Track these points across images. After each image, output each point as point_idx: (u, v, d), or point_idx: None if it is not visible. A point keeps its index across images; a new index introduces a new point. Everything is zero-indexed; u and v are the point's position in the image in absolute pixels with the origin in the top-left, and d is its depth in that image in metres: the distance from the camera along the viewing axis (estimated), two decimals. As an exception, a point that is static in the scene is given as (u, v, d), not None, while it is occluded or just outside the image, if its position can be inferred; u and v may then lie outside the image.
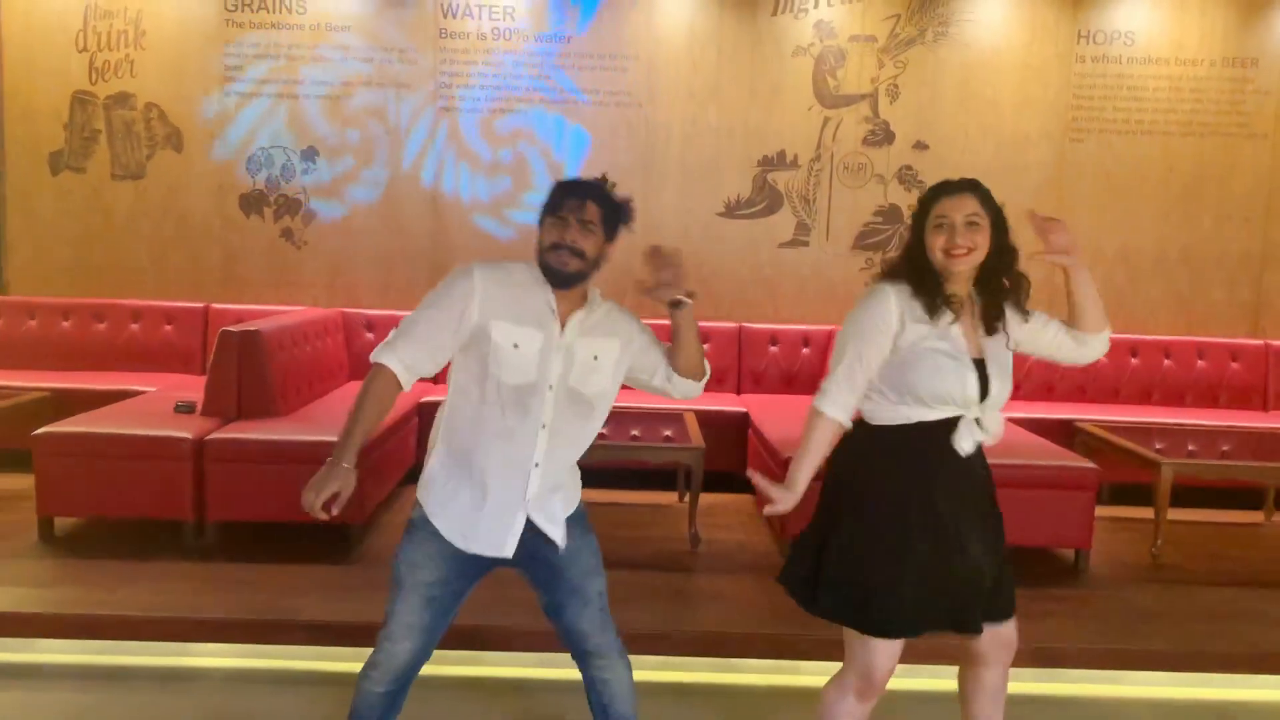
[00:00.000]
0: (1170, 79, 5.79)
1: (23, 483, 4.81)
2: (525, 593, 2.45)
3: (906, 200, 5.81)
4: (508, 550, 2.22)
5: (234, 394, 4.38)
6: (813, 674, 3.22)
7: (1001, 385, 2.25)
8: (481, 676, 3.27)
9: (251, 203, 5.78)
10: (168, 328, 5.67)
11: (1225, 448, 4.76)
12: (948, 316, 2.21)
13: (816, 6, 5.72)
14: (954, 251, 2.17)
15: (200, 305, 5.71)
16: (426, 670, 2.34)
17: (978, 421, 2.23)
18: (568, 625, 2.35)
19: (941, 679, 2.82)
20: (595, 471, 2.98)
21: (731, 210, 5.85)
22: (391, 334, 2.23)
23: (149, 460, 4.03)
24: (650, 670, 3.28)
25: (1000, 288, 2.26)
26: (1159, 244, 5.88)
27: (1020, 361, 2.40)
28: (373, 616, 3.16)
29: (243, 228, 5.79)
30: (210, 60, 5.69)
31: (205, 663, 3.32)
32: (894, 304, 2.20)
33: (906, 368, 2.19)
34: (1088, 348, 2.37)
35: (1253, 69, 5.76)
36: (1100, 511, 4.84)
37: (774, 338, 5.78)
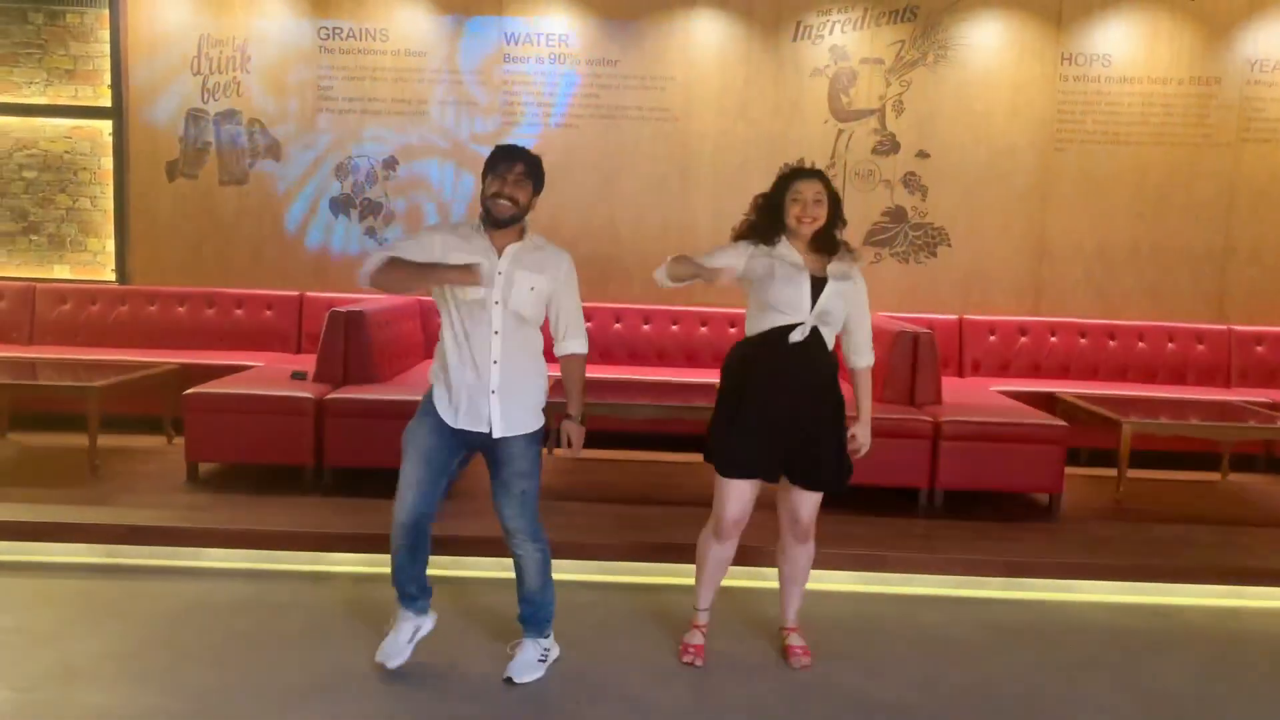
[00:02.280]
0: (1143, 95, 6.56)
1: (156, 441, 5.71)
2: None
3: (910, 202, 6.62)
4: (484, 426, 3.02)
5: (341, 363, 5.23)
6: (815, 581, 4.07)
7: (831, 304, 3.09)
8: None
9: (340, 205, 6.66)
10: (268, 313, 6.54)
11: (1193, 418, 5.49)
12: (784, 245, 3.11)
13: (831, 33, 6.54)
14: (804, 219, 3.07)
15: (295, 294, 6.58)
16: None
17: (815, 330, 3.08)
18: (497, 507, 3.15)
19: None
20: (640, 436, 3.84)
21: (756, 211, 6.66)
22: (388, 246, 3.03)
23: (279, 415, 4.88)
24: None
25: (833, 244, 3.15)
26: (1133, 240, 6.64)
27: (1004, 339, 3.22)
28: (465, 533, 4.07)
29: (332, 226, 6.67)
30: (305, 81, 6.58)
31: (338, 568, 4.15)
32: (745, 245, 3.17)
33: (760, 284, 3.10)
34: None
35: (1215, 86, 6.53)
36: (1078, 471, 5.63)
37: (794, 322, 6.57)
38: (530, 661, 3.22)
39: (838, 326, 3.17)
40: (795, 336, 3.07)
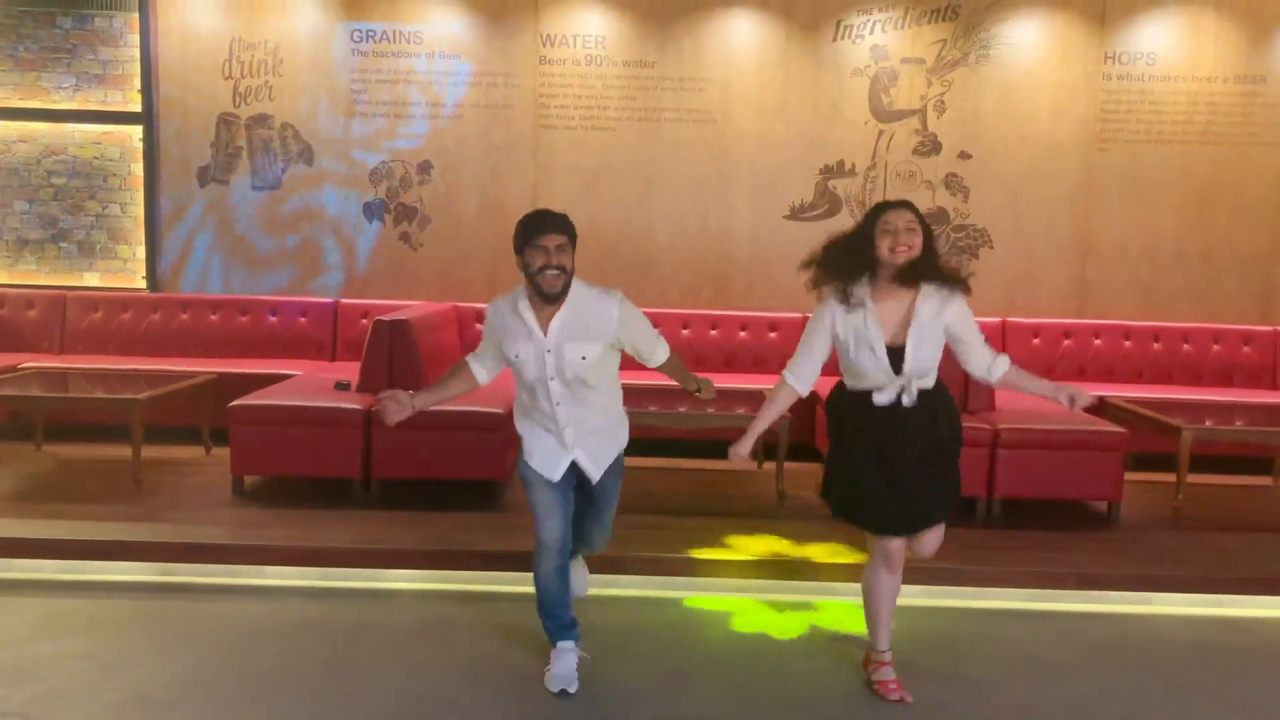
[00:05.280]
0: (1188, 94, 6.48)
1: (194, 452, 5.62)
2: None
3: (953, 204, 6.54)
4: (558, 475, 3.14)
5: (385, 373, 5.14)
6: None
7: (918, 360, 2.96)
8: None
9: (373, 210, 6.56)
10: (302, 320, 6.44)
11: (1239, 421, 5.43)
12: (870, 311, 2.97)
13: (872, 33, 6.45)
14: (898, 249, 2.93)
15: (330, 301, 6.48)
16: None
17: (904, 389, 2.97)
18: (583, 529, 3.35)
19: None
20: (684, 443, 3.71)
21: (796, 214, 6.58)
22: (480, 346, 3.21)
23: (326, 427, 4.79)
24: (766, 592, 4.04)
25: (930, 274, 2.99)
26: (1178, 242, 6.57)
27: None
28: (529, 548, 3.96)
29: (366, 232, 6.57)
30: (338, 85, 6.48)
31: (402, 585, 4.07)
32: (830, 312, 3.05)
33: (845, 354, 3.05)
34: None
35: (1261, 84, 6.45)
36: (1126, 476, 5.54)
37: (835, 327, 6.49)
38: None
39: (933, 373, 3.02)
40: (880, 400, 3.00)
